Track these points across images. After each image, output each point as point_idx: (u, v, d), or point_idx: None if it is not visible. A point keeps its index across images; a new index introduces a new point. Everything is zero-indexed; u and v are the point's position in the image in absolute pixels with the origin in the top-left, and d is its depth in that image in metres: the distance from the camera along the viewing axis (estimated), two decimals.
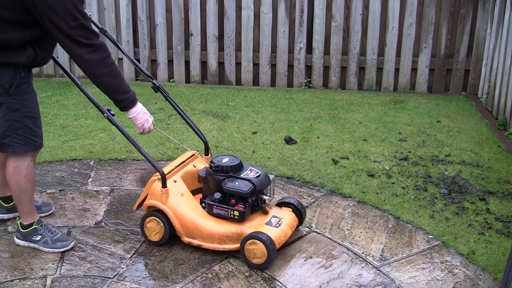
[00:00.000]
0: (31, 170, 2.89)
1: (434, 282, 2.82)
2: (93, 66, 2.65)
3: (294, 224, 3.09)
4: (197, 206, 3.02)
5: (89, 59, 2.62)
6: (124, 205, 3.50)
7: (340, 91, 5.91)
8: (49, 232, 3.02)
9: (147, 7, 6.03)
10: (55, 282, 2.76)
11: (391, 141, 4.50)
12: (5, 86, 2.64)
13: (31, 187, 2.92)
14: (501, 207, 3.50)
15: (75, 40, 2.58)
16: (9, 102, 2.68)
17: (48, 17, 2.53)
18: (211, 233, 2.93)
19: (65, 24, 2.53)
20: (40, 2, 2.50)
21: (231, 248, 2.93)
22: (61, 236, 3.04)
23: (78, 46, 2.59)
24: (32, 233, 3.00)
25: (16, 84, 2.68)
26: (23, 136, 2.78)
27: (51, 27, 2.56)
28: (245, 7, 5.88)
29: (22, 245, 3.02)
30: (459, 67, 5.80)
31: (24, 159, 2.84)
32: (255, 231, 2.87)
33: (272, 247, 2.82)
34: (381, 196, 3.63)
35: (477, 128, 4.82)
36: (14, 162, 2.83)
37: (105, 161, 4.11)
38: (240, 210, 2.91)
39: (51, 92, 5.68)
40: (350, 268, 2.92)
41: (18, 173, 2.85)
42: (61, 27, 2.54)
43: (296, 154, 4.24)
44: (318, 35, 5.87)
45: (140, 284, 2.76)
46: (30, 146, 2.83)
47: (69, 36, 2.56)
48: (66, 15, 2.52)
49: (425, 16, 5.69)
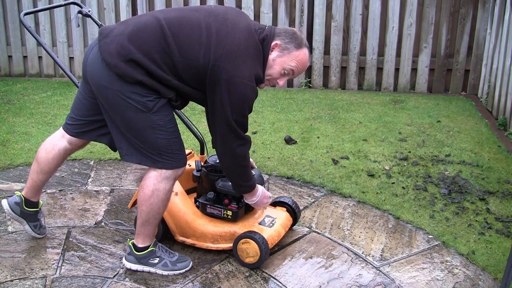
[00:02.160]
0: (170, 195, 2.74)
1: (434, 282, 2.82)
2: (239, 158, 2.69)
3: (288, 223, 3.10)
4: (191, 205, 3.02)
5: (238, 152, 2.66)
6: (124, 205, 3.50)
7: (340, 91, 5.91)
8: (166, 253, 2.86)
9: (147, 7, 6.03)
10: (55, 282, 2.76)
11: (391, 141, 4.50)
12: (148, 106, 2.57)
13: (163, 212, 2.77)
14: (501, 207, 3.50)
15: (234, 130, 2.61)
16: (152, 120, 2.59)
17: (221, 101, 2.54)
18: (204, 232, 2.94)
19: (234, 115, 2.57)
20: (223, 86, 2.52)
21: (224, 247, 2.93)
22: (180, 257, 2.87)
23: (235, 137, 2.62)
24: (149, 255, 2.81)
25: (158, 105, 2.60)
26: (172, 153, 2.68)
27: (218, 109, 2.57)
28: (245, 7, 5.88)
29: (134, 269, 2.82)
30: (459, 67, 5.80)
31: (167, 182, 2.68)
32: (248, 230, 2.88)
33: (265, 246, 2.82)
34: (381, 196, 3.63)
35: (477, 128, 4.82)
36: (156, 185, 2.66)
37: (105, 161, 4.11)
38: (233, 210, 2.92)
39: (51, 92, 5.68)
40: (350, 268, 2.92)
41: (157, 197, 2.67)
42: (228, 116, 2.56)
43: (296, 154, 4.24)
44: (318, 35, 5.88)
45: (140, 284, 2.76)
46: (180, 162, 2.72)
47: (231, 126, 2.59)
48: (240, 109, 2.58)
49: (425, 16, 5.69)
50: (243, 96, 2.57)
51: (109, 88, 2.55)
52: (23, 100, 5.41)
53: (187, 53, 2.53)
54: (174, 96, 2.63)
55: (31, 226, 3.05)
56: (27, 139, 4.43)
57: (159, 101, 2.59)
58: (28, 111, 5.08)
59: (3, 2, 6.12)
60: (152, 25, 2.56)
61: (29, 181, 2.98)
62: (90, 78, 2.62)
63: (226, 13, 2.65)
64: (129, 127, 2.62)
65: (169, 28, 2.54)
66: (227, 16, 2.64)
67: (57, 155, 2.91)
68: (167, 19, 2.57)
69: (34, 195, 3.01)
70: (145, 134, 2.61)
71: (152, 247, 2.82)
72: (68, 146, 2.92)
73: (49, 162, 2.92)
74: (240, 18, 2.68)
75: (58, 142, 2.91)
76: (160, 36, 2.53)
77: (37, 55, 6.26)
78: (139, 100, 2.54)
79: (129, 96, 2.54)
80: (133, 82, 2.52)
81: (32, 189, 2.99)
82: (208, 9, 2.67)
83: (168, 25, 2.55)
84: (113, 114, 2.63)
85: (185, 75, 2.57)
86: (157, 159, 2.65)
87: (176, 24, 2.56)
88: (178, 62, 2.54)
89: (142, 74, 2.52)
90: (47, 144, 2.95)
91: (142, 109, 2.56)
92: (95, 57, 2.58)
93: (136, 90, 2.53)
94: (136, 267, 2.83)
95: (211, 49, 2.53)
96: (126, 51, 2.50)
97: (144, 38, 2.53)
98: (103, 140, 2.86)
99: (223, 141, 2.65)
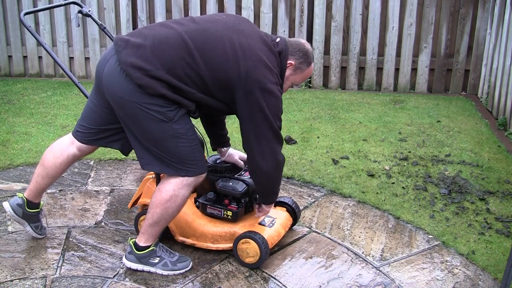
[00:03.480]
0: (186, 201, 2.74)
1: (434, 282, 2.82)
2: (281, 165, 2.75)
3: (288, 223, 3.10)
4: (191, 206, 3.02)
5: (281, 158, 2.73)
6: (124, 205, 3.50)
7: (340, 91, 5.91)
8: (167, 253, 2.85)
9: (147, 7, 6.03)
10: (55, 282, 2.76)
11: (391, 141, 4.50)
12: (169, 116, 2.56)
13: (174, 216, 2.78)
14: (501, 207, 3.50)
15: (278, 135, 2.69)
16: (174, 129, 2.59)
17: (261, 109, 2.59)
18: (204, 233, 2.94)
19: (275, 120, 2.65)
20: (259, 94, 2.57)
21: (224, 247, 2.94)
22: (180, 257, 2.87)
23: (278, 142, 2.69)
24: (149, 255, 2.80)
25: (179, 114, 2.60)
26: (195, 160, 2.68)
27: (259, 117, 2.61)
28: (245, 7, 5.88)
29: (134, 268, 2.81)
30: (459, 67, 5.80)
31: (187, 189, 2.68)
32: (248, 230, 2.88)
33: (265, 246, 2.82)
34: (381, 196, 3.63)
35: (477, 128, 4.82)
36: (175, 191, 2.65)
37: (105, 161, 4.11)
38: (233, 210, 2.92)
39: (51, 92, 5.68)
40: (350, 268, 2.92)
41: (174, 202, 2.67)
42: (271, 121, 2.64)
43: (296, 154, 4.24)
44: (318, 35, 5.88)
45: (140, 284, 2.76)
46: (202, 169, 2.73)
47: (275, 131, 2.66)
48: (277, 113, 2.66)
49: (425, 16, 5.69)
50: (277, 100, 2.65)
51: (129, 100, 2.54)
52: (23, 100, 5.41)
53: (213, 66, 2.55)
54: (194, 108, 2.65)
55: (33, 227, 3.04)
56: (27, 139, 4.43)
57: (179, 111, 2.59)
58: (28, 111, 5.08)
59: (3, 2, 6.12)
60: (174, 39, 2.55)
61: (33, 183, 2.97)
62: (107, 90, 2.61)
63: (239, 23, 2.70)
64: (150, 138, 2.61)
65: (193, 43, 2.54)
66: (241, 27, 2.69)
67: (65, 161, 2.91)
68: (188, 33, 2.57)
69: (37, 197, 3.01)
70: (167, 143, 2.60)
71: (153, 246, 2.82)
72: (77, 153, 2.91)
73: (56, 167, 2.92)
74: (253, 28, 2.75)
75: (67, 148, 2.90)
76: (184, 51, 2.53)
77: (37, 55, 6.26)
78: (160, 110, 2.54)
79: (149, 108, 2.53)
80: (155, 95, 2.52)
81: (36, 191, 2.98)
82: (222, 21, 2.70)
83: (191, 39, 2.55)
84: (132, 125, 2.62)
85: (212, 88, 2.59)
86: (180, 167, 2.65)
87: (199, 37, 2.57)
88: (205, 76, 2.55)
89: (165, 88, 2.52)
90: (55, 149, 2.93)
91: (163, 119, 2.55)
92: (113, 68, 2.55)
93: (157, 102, 2.53)
94: (136, 266, 2.83)
95: (238, 61, 2.56)
96: (150, 65, 2.50)
97: (168, 52, 2.52)
98: (114, 146, 2.87)
99: (270, 150, 2.67)
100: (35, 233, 3.06)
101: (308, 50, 2.79)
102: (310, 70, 2.83)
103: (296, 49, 2.75)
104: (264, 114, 2.60)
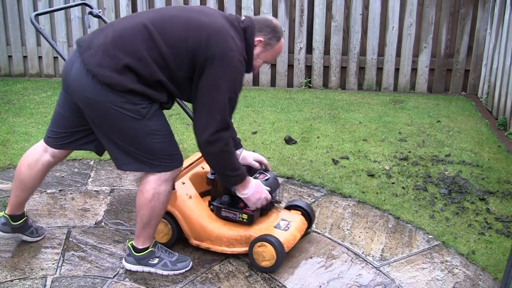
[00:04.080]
0: (170, 196, 2.74)
1: (434, 282, 2.82)
2: (221, 142, 2.62)
3: (303, 227, 3.04)
4: (205, 209, 2.98)
5: (221, 135, 2.60)
6: (124, 205, 3.50)
7: (340, 91, 5.91)
8: (166, 253, 2.85)
9: (147, 7, 6.03)
10: (55, 282, 2.76)
11: (391, 141, 4.50)
12: (142, 113, 2.56)
13: (163, 214, 2.78)
14: (501, 207, 3.50)
15: (223, 110, 2.59)
16: (147, 126, 2.58)
17: (215, 77, 2.54)
18: (219, 236, 2.90)
19: (228, 91, 2.57)
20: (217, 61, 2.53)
21: (239, 251, 2.90)
22: (179, 257, 2.87)
23: (222, 118, 2.60)
24: (148, 256, 2.81)
25: (152, 110, 2.59)
26: (170, 154, 2.67)
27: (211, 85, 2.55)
28: (245, 7, 5.88)
29: (134, 270, 2.82)
30: (459, 67, 5.80)
31: (167, 184, 2.68)
32: (264, 233, 2.85)
33: (281, 250, 2.78)
34: (381, 196, 3.63)
35: (477, 128, 4.82)
36: (156, 189, 2.65)
37: (105, 161, 4.11)
38: (249, 213, 2.88)
39: (51, 92, 5.68)
40: (350, 268, 2.92)
41: (157, 200, 2.67)
42: (223, 90, 2.56)
43: (296, 154, 4.24)
44: (318, 35, 5.88)
45: (140, 284, 2.76)
46: (179, 162, 2.72)
47: (223, 103, 2.58)
48: (233, 84, 2.58)
49: (425, 16, 5.69)
50: (236, 70, 2.59)
51: (98, 101, 2.53)
52: (23, 100, 5.41)
53: (174, 42, 2.55)
54: (165, 99, 2.64)
55: (28, 234, 3.03)
56: (27, 139, 4.42)
57: (152, 107, 2.58)
58: (28, 111, 5.08)
59: (3, 2, 6.12)
60: (133, 26, 2.57)
61: (13, 197, 2.93)
62: (75, 93, 2.59)
63: (199, 6, 2.76)
64: (123, 137, 2.60)
65: (153, 26, 2.55)
66: (201, 9, 2.74)
67: (41, 170, 2.87)
68: (149, 19, 2.59)
69: (19, 209, 2.98)
70: (142, 141, 2.59)
71: (152, 247, 2.81)
72: (51, 160, 2.88)
73: (33, 178, 2.88)
74: (215, 10, 2.79)
75: (41, 157, 2.87)
76: (144, 35, 2.53)
77: (37, 55, 6.26)
78: (132, 108, 2.53)
79: (121, 106, 2.52)
80: (125, 91, 2.50)
81: (17, 205, 2.95)
82: (183, 6, 2.77)
83: (152, 23, 2.56)
84: (104, 126, 2.61)
85: (174, 65, 2.56)
86: (156, 163, 2.64)
87: (159, 20, 2.59)
88: (166, 54, 2.54)
89: (133, 81, 2.51)
90: (29, 159, 2.88)
91: (136, 117, 2.54)
92: (79, 71, 2.54)
93: (128, 99, 2.52)
94: (136, 268, 2.83)
95: (199, 31, 2.55)
96: (115, 58, 2.49)
97: (128, 40, 2.53)
98: (88, 147, 2.85)
99: (209, 123, 2.57)
100: (33, 238, 3.05)
101: (276, 25, 2.77)
102: (280, 45, 2.79)
103: (263, 26, 2.73)
104: (216, 83, 2.55)
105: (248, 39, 2.69)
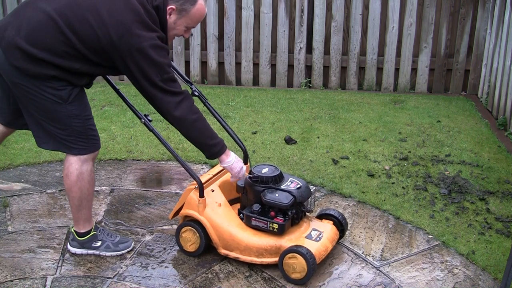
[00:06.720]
0: (93, 175, 2.87)
1: (434, 282, 2.82)
2: (186, 113, 2.73)
3: (335, 237, 2.96)
4: (235, 217, 2.92)
5: (181, 106, 2.71)
6: (124, 205, 3.50)
7: (340, 91, 5.91)
8: (108, 236, 2.98)
9: None
10: (55, 282, 2.76)
11: (391, 141, 4.50)
12: (63, 97, 2.66)
13: (92, 193, 2.90)
14: (501, 207, 3.50)
15: (167, 90, 2.67)
16: (68, 110, 2.69)
17: (141, 70, 2.61)
18: (248, 246, 2.83)
19: (159, 76, 2.64)
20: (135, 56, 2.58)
21: (269, 261, 2.83)
22: (121, 238, 3.01)
23: (171, 95, 2.69)
24: (91, 240, 2.94)
25: (73, 94, 2.70)
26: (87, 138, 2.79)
27: (141, 78, 2.64)
28: (245, 7, 5.88)
29: (79, 253, 2.96)
30: (459, 67, 5.80)
31: (88, 163, 2.81)
32: (294, 244, 2.77)
33: (312, 262, 2.70)
34: (381, 196, 3.63)
35: (477, 128, 4.82)
36: (78, 170, 2.78)
37: (105, 161, 4.11)
38: (279, 223, 2.79)
39: None
40: (350, 268, 2.92)
41: (82, 180, 2.80)
42: (154, 80, 2.63)
43: (296, 154, 4.24)
44: (318, 35, 5.88)
45: (140, 284, 2.76)
46: (95, 146, 2.84)
47: (161, 88, 2.66)
48: (160, 68, 2.63)
49: (425, 16, 5.69)
50: (156, 56, 2.62)
51: (22, 84, 2.63)
52: None
53: (85, 38, 2.58)
54: (86, 81, 2.75)
55: None
56: (27, 139, 4.42)
57: (73, 91, 2.68)
58: None
59: (3, 2, 6.12)
60: (44, 21, 2.58)
61: None
62: (4, 74, 2.68)
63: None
64: (45, 117, 2.71)
65: (61, 19, 2.57)
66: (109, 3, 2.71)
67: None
68: (57, 10, 2.58)
69: None
70: (62, 122, 2.71)
71: (94, 231, 2.95)
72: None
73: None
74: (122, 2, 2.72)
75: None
76: (55, 31, 2.57)
77: None
78: (53, 92, 2.64)
79: (44, 90, 2.63)
80: (45, 78, 2.60)
81: None
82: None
83: (60, 15, 2.57)
84: (29, 105, 2.71)
85: (94, 58, 2.64)
86: (72, 145, 2.76)
87: (66, 12, 2.58)
88: (81, 49, 2.60)
89: (52, 69, 2.59)
90: None
91: (58, 101, 2.66)
92: (1, 57, 2.62)
93: (50, 84, 2.62)
94: (80, 251, 2.96)
95: (107, 28, 2.57)
96: (30, 54, 2.56)
97: (41, 38, 2.57)
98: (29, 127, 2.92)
99: (163, 105, 2.70)
100: None
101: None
102: (198, 9, 2.74)
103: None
104: (145, 76, 2.63)
105: (161, 16, 2.71)
